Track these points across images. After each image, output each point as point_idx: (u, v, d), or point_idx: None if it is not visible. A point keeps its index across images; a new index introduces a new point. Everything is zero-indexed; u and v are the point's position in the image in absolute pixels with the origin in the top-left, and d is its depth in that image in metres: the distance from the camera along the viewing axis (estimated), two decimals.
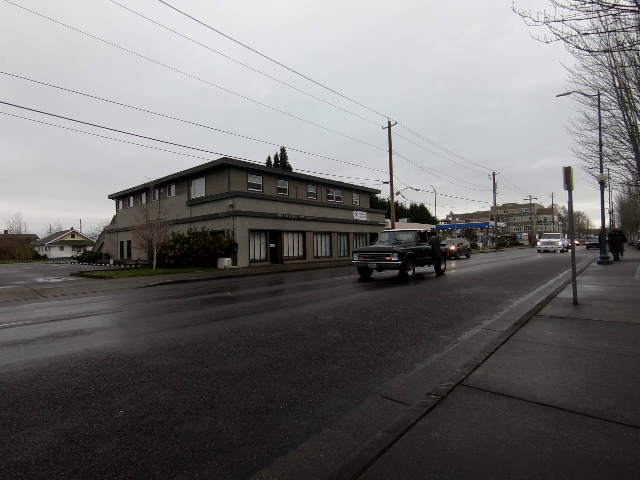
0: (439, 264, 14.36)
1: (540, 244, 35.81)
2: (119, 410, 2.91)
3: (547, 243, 34.64)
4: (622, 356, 3.66)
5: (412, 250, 12.70)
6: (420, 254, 13.25)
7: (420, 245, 13.54)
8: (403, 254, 12.21)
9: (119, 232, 34.14)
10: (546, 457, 2.01)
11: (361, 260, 13.04)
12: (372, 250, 12.90)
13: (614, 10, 7.17)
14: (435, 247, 14.09)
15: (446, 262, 15.53)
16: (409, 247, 12.87)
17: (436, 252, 14.15)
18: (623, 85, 14.26)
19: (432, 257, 14.00)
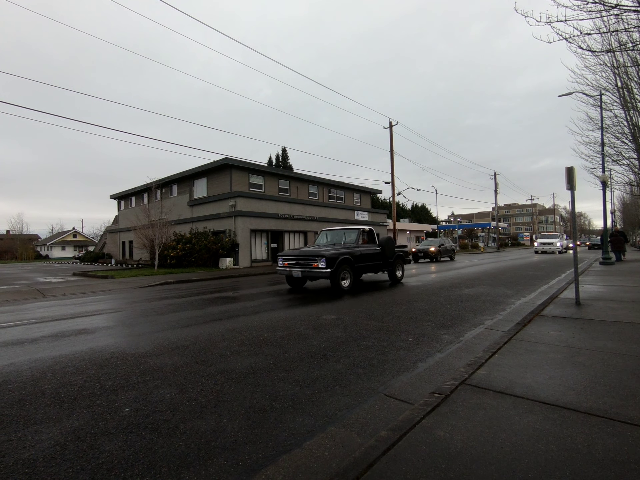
0: (393, 270, 11.78)
1: (538, 244, 33.74)
2: (124, 409, 2.93)
3: (545, 244, 32.73)
4: (625, 356, 3.67)
5: (348, 255, 9.92)
6: (363, 259, 10.51)
7: (364, 247, 10.86)
8: (334, 259, 9.47)
9: (120, 232, 34.21)
10: (550, 455, 2.02)
11: (286, 267, 10.34)
12: (297, 254, 10.23)
13: (617, 11, 7.17)
14: (388, 250, 11.35)
15: (404, 267, 12.50)
16: (345, 250, 10.07)
17: (388, 255, 11.36)
18: (625, 86, 14.25)
19: (382, 262, 11.27)
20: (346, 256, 9.84)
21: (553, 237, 33.78)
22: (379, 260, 11.17)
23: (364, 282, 12.40)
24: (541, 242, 33.29)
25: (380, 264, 11.25)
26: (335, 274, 9.47)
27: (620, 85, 14.33)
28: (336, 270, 9.49)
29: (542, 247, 32.75)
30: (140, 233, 20.80)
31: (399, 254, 12.20)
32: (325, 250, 9.68)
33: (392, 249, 11.55)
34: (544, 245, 32.68)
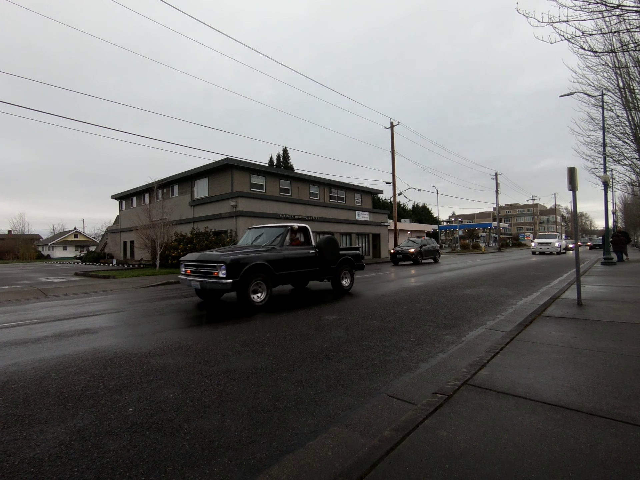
0: (337, 278, 9.46)
1: (535, 245, 31.85)
2: (128, 408, 2.94)
3: (542, 244, 30.87)
4: (627, 356, 3.67)
5: (261, 260, 7.59)
6: (288, 265, 8.09)
7: (292, 250, 8.39)
8: (237, 265, 7.17)
9: (122, 232, 34.26)
10: (553, 455, 2.03)
11: (188, 275, 8.03)
12: (195, 259, 7.93)
13: (619, 11, 7.17)
14: (329, 253, 8.93)
15: (353, 274, 10.17)
16: (258, 254, 7.71)
17: (329, 260, 8.97)
18: (627, 86, 14.23)
19: (319, 268, 8.88)
20: (258, 262, 7.48)
21: (551, 237, 32.14)
22: (314, 267, 8.77)
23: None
24: (539, 242, 31.48)
25: (317, 270, 8.87)
26: (240, 286, 7.18)
27: (622, 85, 14.32)
28: (242, 281, 7.18)
29: (539, 248, 31.03)
30: (142, 233, 20.84)
31: (346, 258, 9.76)
32: (228, 254, 7.28)
33: (333, 251, 9.16)
34: (541, 245, 30.96)
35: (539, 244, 31.30)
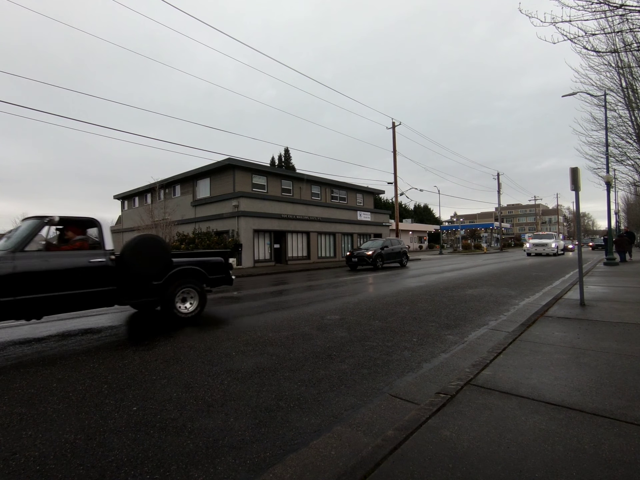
0: (166, 301, 6.07)
1: (529, 245, 29.72)
2: (132, 407, 2.95)
3: (538, 245, 28.76)
4: (630, 357, 3.67)
5: None
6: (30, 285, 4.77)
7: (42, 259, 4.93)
8: None
9: (124, 232, 34.35)
10: (557, 455, 2.03)
11: None
12: None
13: (621, 11, 7.16)
14: (139, 264, 5.69)
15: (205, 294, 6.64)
16: None
17: (139, 273, 5.73)
18: (630, 86, 14.18)
19: (118, 287, 5.59)
20: None
21: (547, 237, 29.51)
22: (102, 284, 5.43)
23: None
24: (534, 242, 29.28)
25: (113, 291, 5.53)
26: None
27: (625, 85, 14.28)
28: None
29: (534, 249, 28.90)
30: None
31: (184, 269, 6.38)
32: None
33: (152, 260, 5.86)
34: (536, 246, 28.80)
35: (534, 244, 29.09)
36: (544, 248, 28.30)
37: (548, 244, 28.22)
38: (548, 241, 28.49)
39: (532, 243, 29.32)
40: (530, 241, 30.12)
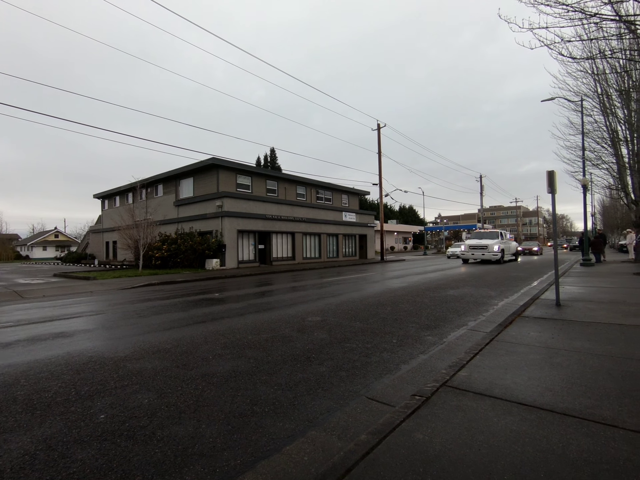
0: None
1: (464, 248, 22.17)
2: (99, 415, 2.84)
3: (474, 248, 21.30)
4: (601, 356, 3.75)
5: None
6: None
7: None
8: None
9: (104, 232, 33.51)
10: (526, 456, 2.04)
11: None
12: None
13: (596, 19, 7.36)
14: None
15: None
16: None
17: None
18: (605, 92, 14.66)
19: None
20: None
21: (489, 237, 21.98)
22: None
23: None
24: (470, 244, 21.81)
25: None
26: None
27: (600, 91, 14.76)
28: None
29: (469, 253, 21.64)
30: (125, 233, 20.43)
31: None
32: None
33: None
34: (474, 249, 21.36)
35: (471, 246, 21.66)
36: (482, 252, 20.95)
37: (489, 245, 20.77)
38: (489, 242, 21.01)
39: (468, 245, 21.94)
40: (467, 242, 22.67)
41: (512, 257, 23.39)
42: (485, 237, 22.06)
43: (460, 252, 23.34)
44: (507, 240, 22.94)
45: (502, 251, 20.84)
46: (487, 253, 20.77)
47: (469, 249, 21.68)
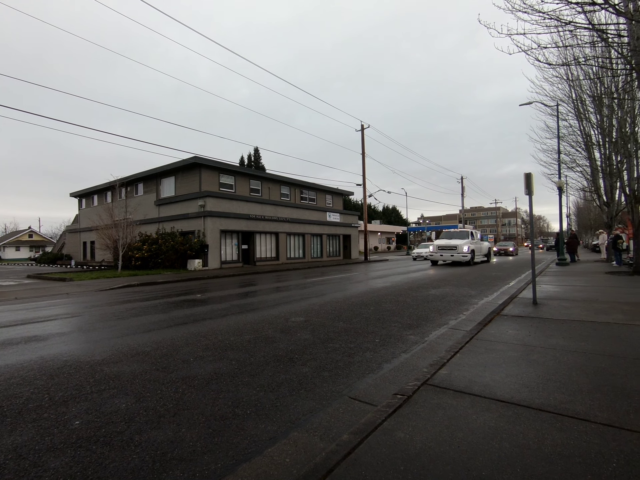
0: None
1: (432, 248, 20.65)
2: (74, 421, 2.75)
3: (443, 248, 19.97)
4: (574, 353, 3.89)
5: None
6: None
7: None
8: None
9: (81, 232, 32.51)
10: (503, 452, 2.09)
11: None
12: None
13: (571, 27, 7.62)
14: None
15: None
16: None
17: None
18: (579, 98, 15.20)
19: None
20: None
21: (459, 237, 20.71)
22: None
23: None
24: (440, 245, 20.31)
25: None
26: None
27: (575, 97, 15.29)
28: None
29: (439, 254, 20.16)
30: (103, 233, 19.86)
31: None
32: None
33: None
34: (443, 250, 20.01)
35: (438, 247, 20.31)
36: (451, 253, 19.64)
37: (458, 246, 19.34)
38: (459, 242, 19.61)
39: (438, 245, 20.43)
40: (435, 242, 21.15)
41: (484, 258, 21.93)
42: (455, 237, 20.80)
43: (428, 253, 21.74)
44: (478, 240, 21.62)
45: (472, 252, 19.55)
46: (456, 254, 19.43)
47: (438, 250, 20.26)
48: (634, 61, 7.99)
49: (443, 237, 21.61)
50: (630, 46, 8.07)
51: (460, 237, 20.73)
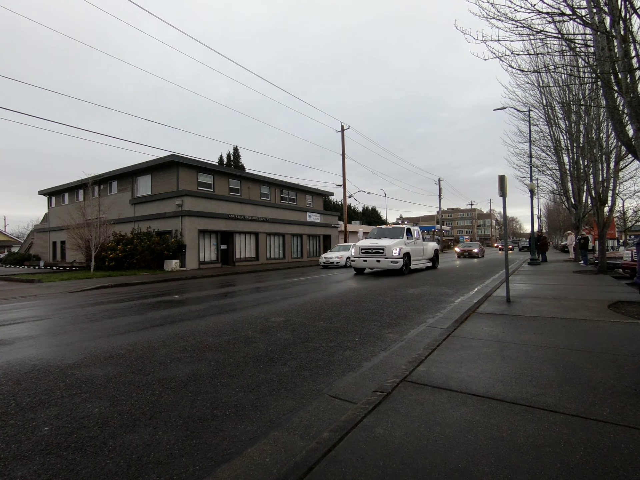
0: None
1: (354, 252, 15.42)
2: (43, 428, 2.63)
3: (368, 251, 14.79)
4: (545, 348, 4.05)
5: None
6: None
7: None
8: None
9: (51, 231, 31.16)
10: (479, 444, 2.15)
11: None
12: None
13: (542, 36, 7.92)
14: None
15: None
16: None
17: None
18: (549, 104, 15.84)
19: None
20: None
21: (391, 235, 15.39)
22: None
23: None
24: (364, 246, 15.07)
25: None
26: None
27: (545, 103, 15.93)
28: None
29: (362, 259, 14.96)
30: (75, 232, 19.10)
31: None
32: None
33: None
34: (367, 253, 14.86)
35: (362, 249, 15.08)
36: (379, 258, 14.44)
37: (386, 248, 14.27)
38: (387, 244, 14.44)
39: (362, 247, 15.15)
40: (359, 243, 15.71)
41: (428, 264, 17.12)
42: (386, 236, 15.34)
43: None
44: (418, 240, 16.24)
45: (405, 256, 14.38)
46: (383, 259, 14.13)
47: (361, 254, 14.82)
48: (599, 70, 8.40)
49: (371, 235, 16.14)
50: (596, 55, 8.48)
51: (393, 235, 15.28)
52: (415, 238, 16.02)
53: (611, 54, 6.51)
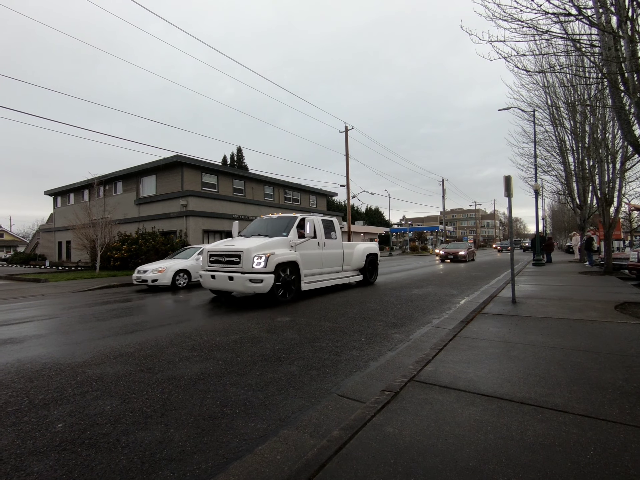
0: None
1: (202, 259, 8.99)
2: (57, 424, 2.68)
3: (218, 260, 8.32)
4: (552, 349, 4.05)
5: None
6: None
7: None
8: None
9: (56, 231, 31.38)
10: (489, 443, 2.17)
11: None
12: None
13: (547, 36, 7.92)
14: None
15: None
16: None
17: None
18: (554, 104, 15.77)
19: None
20: None
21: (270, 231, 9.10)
22: None
23: None
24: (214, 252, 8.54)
25: None
26: None
27: (550, 103, 15.87)
28: None
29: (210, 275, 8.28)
30: (80, 232, 19.23)
31: None
32: None
33: None
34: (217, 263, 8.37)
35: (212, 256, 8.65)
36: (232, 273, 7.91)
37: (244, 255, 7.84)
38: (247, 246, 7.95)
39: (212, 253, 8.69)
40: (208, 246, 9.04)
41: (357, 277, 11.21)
42: (264, 233, 9.28)
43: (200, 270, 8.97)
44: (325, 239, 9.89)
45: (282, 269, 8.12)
46: (238, 275, 7.81)
47: (210, 265, 8.66)
48: (605, 70, 8.36)
49: (247, 231, 9.74)
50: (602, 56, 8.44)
51: (274, 231, 9.19)
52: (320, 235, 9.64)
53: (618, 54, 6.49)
